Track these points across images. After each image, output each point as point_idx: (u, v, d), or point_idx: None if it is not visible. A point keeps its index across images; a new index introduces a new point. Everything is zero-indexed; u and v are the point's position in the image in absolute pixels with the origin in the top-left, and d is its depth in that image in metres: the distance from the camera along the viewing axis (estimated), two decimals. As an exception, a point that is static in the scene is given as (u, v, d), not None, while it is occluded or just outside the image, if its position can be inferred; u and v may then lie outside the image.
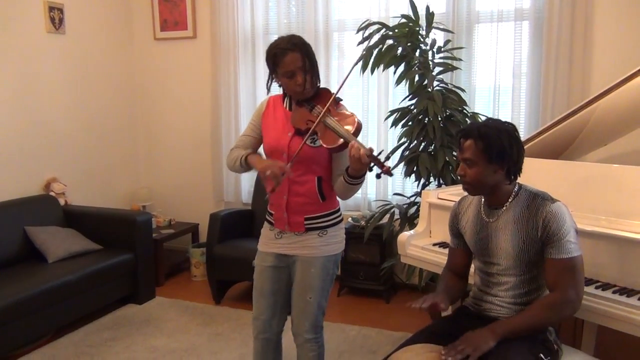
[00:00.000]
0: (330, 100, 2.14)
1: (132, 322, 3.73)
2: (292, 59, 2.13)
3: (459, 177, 1.97)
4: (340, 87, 2.19)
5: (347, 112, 2.18)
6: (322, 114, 2.11)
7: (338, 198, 2.32)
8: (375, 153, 1.97)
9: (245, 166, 2.30)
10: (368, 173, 2.10)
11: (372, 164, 1.99)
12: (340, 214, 2.35)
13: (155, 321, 3.75)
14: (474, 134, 1.89)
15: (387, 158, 1.99)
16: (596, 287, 2.02)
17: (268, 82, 2.27)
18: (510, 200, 1.95)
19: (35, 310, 3.20)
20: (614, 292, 1.98)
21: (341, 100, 2.23)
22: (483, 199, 2.03)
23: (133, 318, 3.79)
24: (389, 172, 1.97)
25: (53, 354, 3.25)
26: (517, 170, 1.92)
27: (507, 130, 1.89)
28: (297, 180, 2.21)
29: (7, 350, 3.11)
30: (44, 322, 3.31)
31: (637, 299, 1.91)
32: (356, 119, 2.12)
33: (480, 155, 1.87)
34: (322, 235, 2.26)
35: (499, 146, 1.85)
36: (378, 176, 2.01)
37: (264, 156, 2.32)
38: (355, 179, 2.10)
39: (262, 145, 2.34)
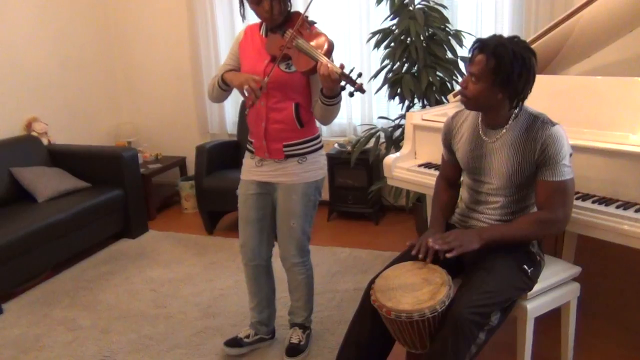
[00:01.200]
0: (299, 21, 2.10)
1: (128, 255, 3.80)
2: None
3: (459, 87, 1.91)
4: (308, 6, 2.14)
5: (319, 33, 2.14)
6: (291, 37, 2.08)
7: (321, 124, 2.33)
8: (347, 71, 1.94)
9: (224, 85, 2.28)
10: (343, 94, 2.08)
11: (344, 82, 1.97)
12: (320, 141, 2.36)
13: (150, 253, 3.82)
14: (488, 49, 1.79)
15: (359, 75, 1.95)
16: (576, 198, 2.07)
17: (240, 9, 2.24)
18: (510, 122, 1.91)
19: (31, 249, 3.25)
20: (593, 202, 2.05)
21: (315, 23, 2.20)
22: (480, 117, 2.00)
23: (128, 252, 3.86)
24: (361, 89, 1.94)
25: (53, 290, 3.33)
26: (520, 99, 1.87)
27: (522, 58, 1.78)
28: (274, 107, 2.22)
29: (6, 287, 3.18)
30: (41, 260, 3.36)
31: (615, 207, 1.98)
32: (328, 39, 2.09)
33: (487, 73, 1.80)
34: (301, 162, 2.29)
35: (507, 72, 1.77)
36: (351, 94, 1.98)
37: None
38: (330, 98, 2.09)
39: None
